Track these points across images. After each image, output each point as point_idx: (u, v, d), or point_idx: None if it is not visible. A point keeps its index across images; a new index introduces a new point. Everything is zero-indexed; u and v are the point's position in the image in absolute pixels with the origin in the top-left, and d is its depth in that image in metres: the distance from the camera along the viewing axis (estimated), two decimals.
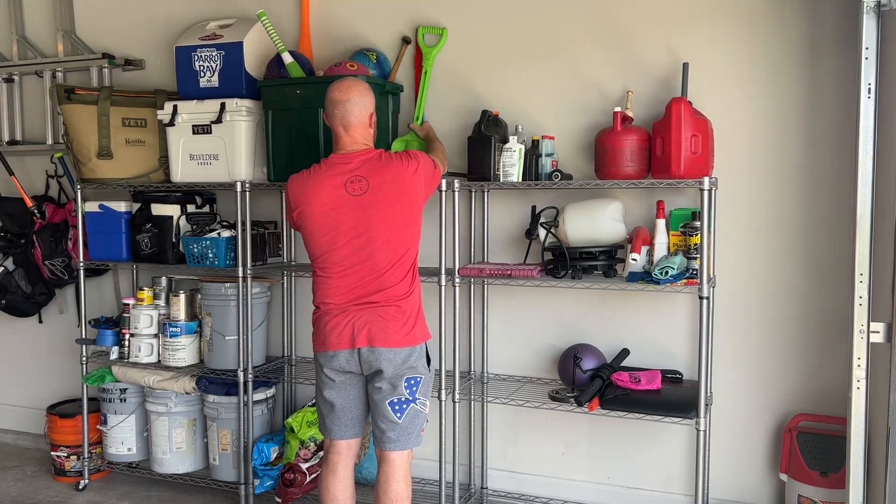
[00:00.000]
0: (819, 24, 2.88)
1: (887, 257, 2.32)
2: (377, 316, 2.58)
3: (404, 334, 2.59)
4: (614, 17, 3.13)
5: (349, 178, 2.62)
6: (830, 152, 2.90)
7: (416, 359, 2.61)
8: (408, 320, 2.60)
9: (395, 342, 2.57)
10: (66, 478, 3.83)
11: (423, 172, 2.68)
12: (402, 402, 2.60)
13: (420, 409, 2.64)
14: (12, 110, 4.18)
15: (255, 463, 3.41)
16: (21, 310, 4.08)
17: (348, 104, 2.65)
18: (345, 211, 2.61)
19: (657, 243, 2.95)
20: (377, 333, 2.57)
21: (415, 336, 2.61)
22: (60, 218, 3.98)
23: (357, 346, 2.58)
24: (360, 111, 2.67)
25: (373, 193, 2.60)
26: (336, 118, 2.67)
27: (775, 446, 3.05)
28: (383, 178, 2.60)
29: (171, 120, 3.38)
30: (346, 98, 2.65)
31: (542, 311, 3.33)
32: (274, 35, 3.22)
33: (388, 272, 2.60)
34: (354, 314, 2.60)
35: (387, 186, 2.60)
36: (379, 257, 2.60)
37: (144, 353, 3.55)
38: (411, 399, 2.61)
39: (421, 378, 2.62)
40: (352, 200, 2.60)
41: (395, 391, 2.59)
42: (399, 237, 2.61)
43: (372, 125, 2.73)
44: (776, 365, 3.04)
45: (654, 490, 3.23)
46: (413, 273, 2.65)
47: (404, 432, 2.63)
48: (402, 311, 2.60)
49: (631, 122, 2.98)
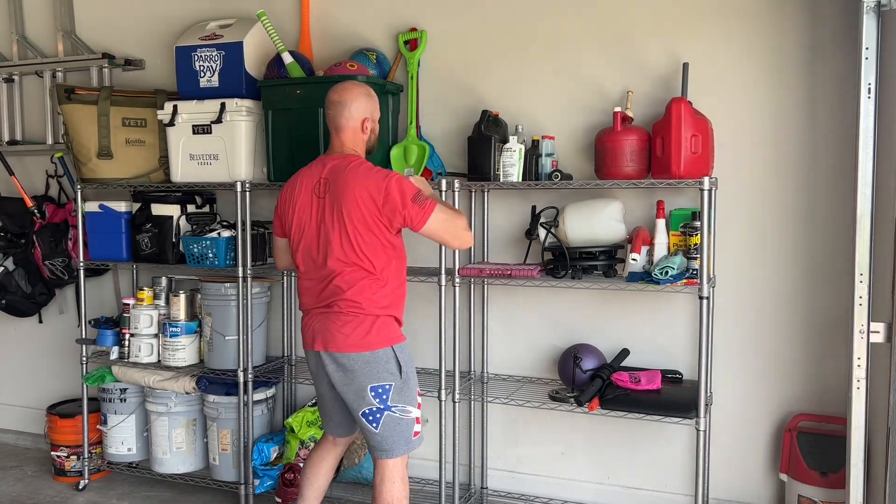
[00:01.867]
0: (819, 24, 2.88)
1: (887, 257, 2.32)
2: (331, 320, 2.57)
3: (358, 339, 2.53)
4: (614, 17, 3.13)
5: (319, 179, 2.61)
6: (830, 152, 2.90)
7: (381, 365, 2.54)
8: (364, 325, 2.54)
9: (348, 346, 2.54)
10: (66, 478, 3.83)
11: (385, 194, 2.51)
12: (374, 411, 2.55)
13: (400, 416, 2.56)
14: (12, 110, 4.18)
15: (255, 463, 3.41)
16: (21, 310, 4.08)
17: (339, 106, 2.64)
18: (310, 212, 2.62)
19: (657, 243, 2.95)
20: (330, 338, 2.56)
21: (371, 341, 2.54)
22: (60, 218, 3.98)
23: (316, 348, 2.60)
24: (352, 114, 2.64)
25: (329, 198, 2.57)
26: (329, 118, 2.67)
27: (775, 446, 3.05)
28: (339, 185, 2.56)
29: (171, 120, 3.38)
30: (339, 100, 2.65)
31: (543, 310, 3.33)
32: (274, 35, 3.22)
33: (344, 277, 2.55)
34: (315, 316, 2.63)
35: (339, 194, 2.55)
36: (333, 262, 2.56)
37: (144, 353, 3.54)
38: (384, 408, 2.54)
39: (390, 385, 2.54)
40: (316, 202, 2.61)
41: (363, 401, 2.55)
42: (352, 248, 2.54)
43: (365, 131, 2.68)
44: (776, 365, 3.04)
45: (654, 490, 3.23)
46: (375, 278, 2.57)
47: (386, 440, 2.57)
48: (357, 316, 2.54)
49: (631, 122, 2.98)
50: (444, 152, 3.35)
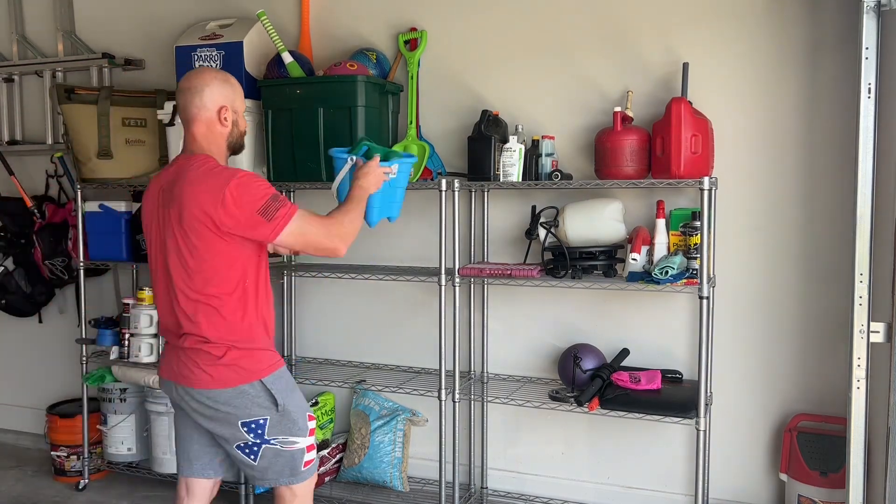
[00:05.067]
0: (819, 24, 2.88)
1: (887, 257, 2.32)
2: (186, 355, 2.23)
3: (217, 376, 2.20)
4: (615, 16, 3.13)
5: (163, 185, 2.25)
6: (830, 152, 2.90)
7: (249, 400, 2.22)
8: (221, 361, 2.20)
9: (205, 384, 2.20)
10: (66, 478, 3.83)
11: (223, 202, 2.11)
12: (249, 444, 2.24)
13: (281, 448, 2.25)
14: (12, 110, 4.18)
15: None
16: (21, 310, 4.08)
17: (188, 93, 2.25)
18: (153, 224, 2.28)
19: (657, 243, 2.95)
20: (187, 373, 2.22)
21: (231, 378, 2.20)
22: (60, 218, 3.97)
23: (171, 378, 2.29)
24: (204, 102, 2.24)
25: (167, 213, 2.20)
26: (179, 109, 2.30)
27: (775, 446, 3.05)
28: (174, 192, 2.18)
29: (171, 120, 3.38)
30: (188, 86, 2.26)
31: (542, 310, 3.33)
32: (274, 35, 3.22)
33: (188, 310, 2.20)
34: (170, 347, 2.32)
35: (174, 203, 2.17)
36: (173, 287, 2.22)
37: (144, 352, 3.54)
38: (261, 441, 2.24)
39: (265, 420, 2.22)
40: (159, 212, 2.24)
41: (235, 436, 2.24)
42: (190, 268, 2.18)
43: (224, 123, 2.28)
44: (776, 365, 3.04)
45: (654, 490, 3.23)
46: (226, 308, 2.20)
47: (269, 471, 2.28)
48: (210, 353, 2.20)
49: (631, 122, 2.98)
50: (444, 152, 3.35)
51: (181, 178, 2.19)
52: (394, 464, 3.41)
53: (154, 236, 2.29)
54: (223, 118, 2.29)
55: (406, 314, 3.52)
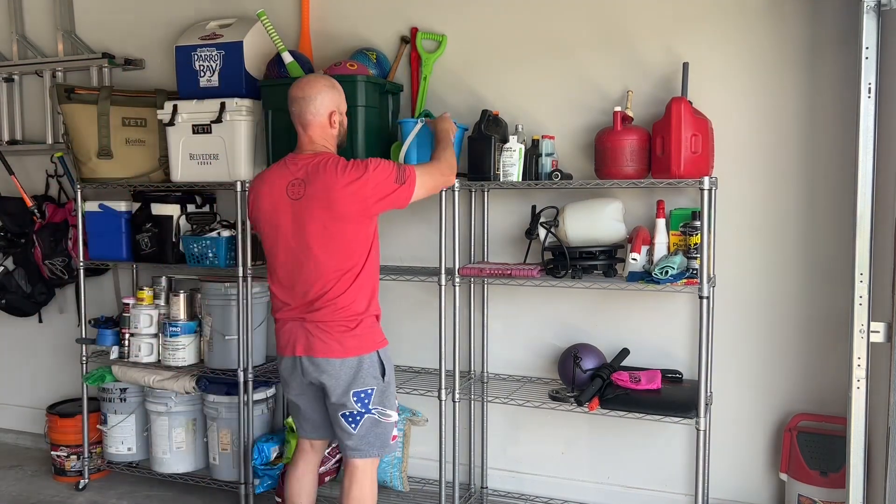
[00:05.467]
0: (819, 24, 2.88)
1: (887, 257, 2.32)
2: (315, 325, 2.52)
3: (344, 344, 2.50)
4: (614, 16, 3.13)
5: (292, 180, 2.53)
6: (830, 152, 2.90)
7: (365, 370, 2.52)
8: (349, 330, 2.51)
9: (334, 352, 2.50)
10: (66, 477, 3.83)
11: (369, 186, 2.47)
12: (354, 414, 2.53)
13: (379, 418, 2.56)
14: (12, 110, 4.18)
15: (255, 463, 3.41)
16: (21, 310, 4.08)
17: (303, 101, 2.56)
18: (284, 214, 2.54)
19: (657, 243, 2.95)
20: (315, 343, 2.51)
21: (357, 346, 2.51)
22: (60, 218, 3.97)
23: (297, 353, 2.56)
24: (317, 109, 2.56)
25: (306, 199, 2.49)
26: (294, 116, 2.59)
27: (775, 446, 3.05)
28: (316, 185, 2.48)
29: (170, 119, 3.38)
30: (302, 95, 2.56)
31: (542, 310, 3.33)
32: (274, 35, 3.22)
33: (326, 281, 2.50)
34: (295, 321, 2.57)
35: (318, 195, 2.47)
36: (314, 265, 2.50)
37: (144, 352, 3.54)
38: (364, 411, 2.53)
39: (372, 390, 2.53)
40: (290, 204, 2.53)
41: (345, 405, 2.53)
42: (334, 248, 2.49)
43: (333, 125, 2.60)
44: (776, 365, 3.04)
45: (654, 490, 3.23)
46: (357, 283, 2.52)
47: (362, 441, 2.56)
48: (342, 321, 2.51)
49: (631, 122, 2.98)
50: None
51: (322, 172, 2.49)
52: (394, 464, 3.41)
53: (285, 226, 2.54)
54: (333, 121, 2.60)
55: (406, 314, 3.51)
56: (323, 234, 2.49)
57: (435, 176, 2.69)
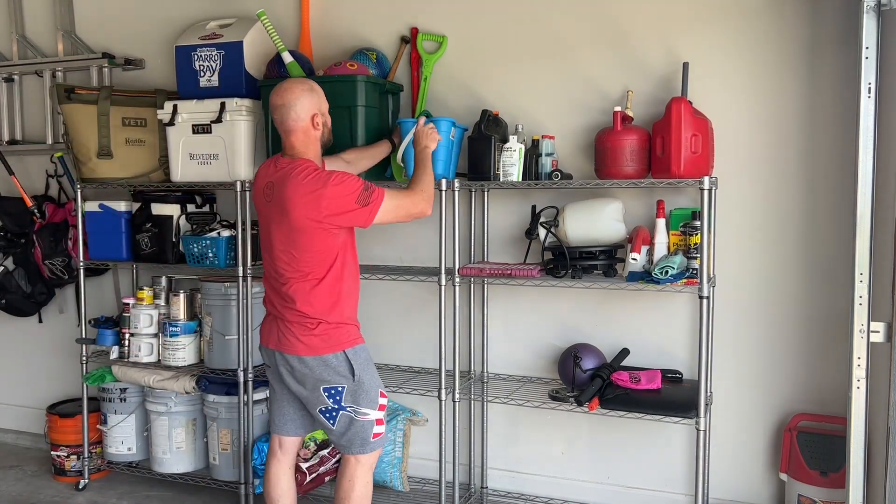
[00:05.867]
0: (819, 24, 2.88)
1: (887, 257, 2.32)
2: (283, 322, 2.61)
3: (306, 343, 2.56)
4: (614, 16, 3.13)
5: (268, 181, 2.61)
6: (830, 152, 2.90)
7: (330, 368, 2.57)
8: (309, 331, 2.56)
9: (298, 350, 2.57)
10: (66, 477, 3.83)
11: (324, 200, 2.46)
12: (330, 409, 2.59)
13: (354, 416, 2.59)
14: (12, 110, 4.18)
15: (255, 462, 3.41)
16: (21, 310, 4.08)
17: (284, 109, 2.57)
18: (261, 213, 2.66)
19: (657, 243, 2.95)
20: (283, 338, 2.60)
21: (319, 346, 2.56)
22: (60, 218, 3.98)
23: (269, 346, 2.66)
24: (298, 114, 2.57)
25: (273, 204, 2.56)
26: (276, 123, 2.63)
27: (775, 446, 3.05)
28: (280, 192, 2.53)
29: (170, 119, 3.38)
30: (282, 102, 2.58)
31: (542, 310, 3.33)
32: (274, 35, 3.22)
33: (287, 282, 2.58)
34: (271, 315, 2.69)
35: (280, 201, 2.52)
36: (277, 267, 2.59)
37: (144, 352, 3.54)
38: (338, 408, 2.58)
39: (342, 388, 2.57)
40: (265, 205, 2.63)
41: (318, 400, 2.60)
42: (292, 254, 2.54)
43: (317, 126, 2.62)
44: (776, 365, 3.04)
45: (654, 490, 3.23)
46: (318, 291, 2.56)
47: (342, 437, 2.62)
48: (301, 321, 2.57)
49: (631, 122, 2.98)
50: None
51: (287, 180, 2.51)
52: (394, 464, 3.41)
53: (261, 224, 2.67)
54: (316, 123, 2.61)
55: (406, 314, 3.51)
56: (283, 239, 2.55)
57: (406, 206, 2.64)
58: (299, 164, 2.55)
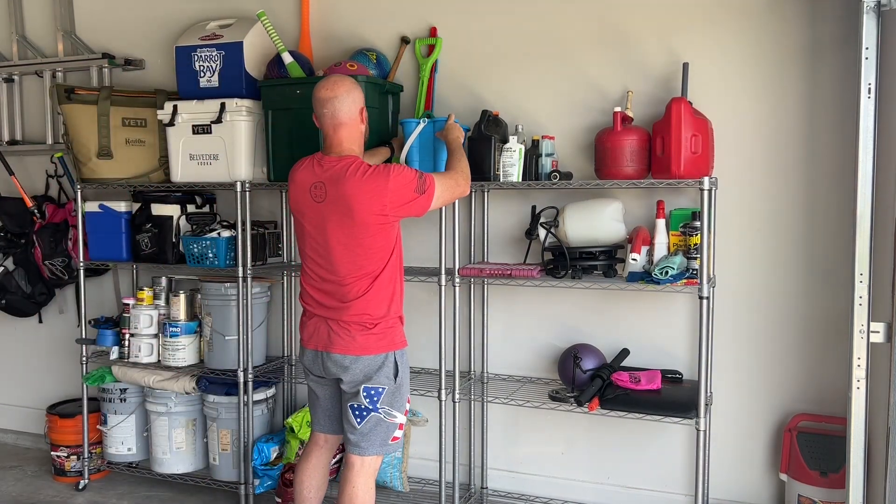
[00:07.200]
0: (819, 24, 2.88)
1: (887, 257, 2.32)
2: (336, 323, 2.58)
3: (361, 343, 2.56)
4: (614, 17, 3.13)
5: (316, 182, 2.56)
6: (830, 152, 2.90)
7: (377, 369, 2.57)
8: (367, 330, 2.57)
9: (351, 350, 2.56)
10: (66, 478, 3.83)
11: (388, 193, 2.48)
12: (362, 408, 2.57)
13: (383, 418, 2.59)
14: (12, 110, 4.18)
15: (255, 463, 3.41)
16: (21, 310, 4.08)
17: (336, 101, 2.56)
18: (309, 214, 2.60)
19: (657, 243, 2.95)
20: (335, 339, 2.57)
21: (373, 346, 2.57)
22: (60, 218, 3.98)
23: (318, 348, 2.62)
24: (350, 107, 2.57)
25: (328, 203, 2.53)
26: (325, 118, 2.58)
27: (775, 446, 3.05)
28: (338, 190, 2.51)
29: (171, 120, 3.38)
30: (333, 95, 2.56)
31: (542, 311, 3.33)
32: (274, 35, 3.22)
33: (347, 282, 2.56)
34: (319, 317, 2.64)
35: (339, 200, 2.51)
36: (336, 267, 2.56)
37: (144, 352, 3.55)
38: (371, 408, 2.57)
39: (383, 389, 2.57)
40: (314, 206, 2.57)
41: (355, 398, 2.58)
42: (353, 252, 2.54)
43: (363, 120, 2.64)
44: (776, 365, 3.04)
45: (654, 490, 3.23)
46: (376, 286, 2.57)
47: (364, 438, 2.59)
48: (360, 321, 2.56)
49: (631, 122, 2.98)
50: None
51: (344, 178, 2.50)
52: (394, 464, 3.41)
53: (310, 225, 2.60)
54: (364, 117, 2.63)
55: (406, 314, 3.49)
56: (342, 238, 2.53)
57: (452, 187, 2.69)
58: (349, 160, 2.54)
